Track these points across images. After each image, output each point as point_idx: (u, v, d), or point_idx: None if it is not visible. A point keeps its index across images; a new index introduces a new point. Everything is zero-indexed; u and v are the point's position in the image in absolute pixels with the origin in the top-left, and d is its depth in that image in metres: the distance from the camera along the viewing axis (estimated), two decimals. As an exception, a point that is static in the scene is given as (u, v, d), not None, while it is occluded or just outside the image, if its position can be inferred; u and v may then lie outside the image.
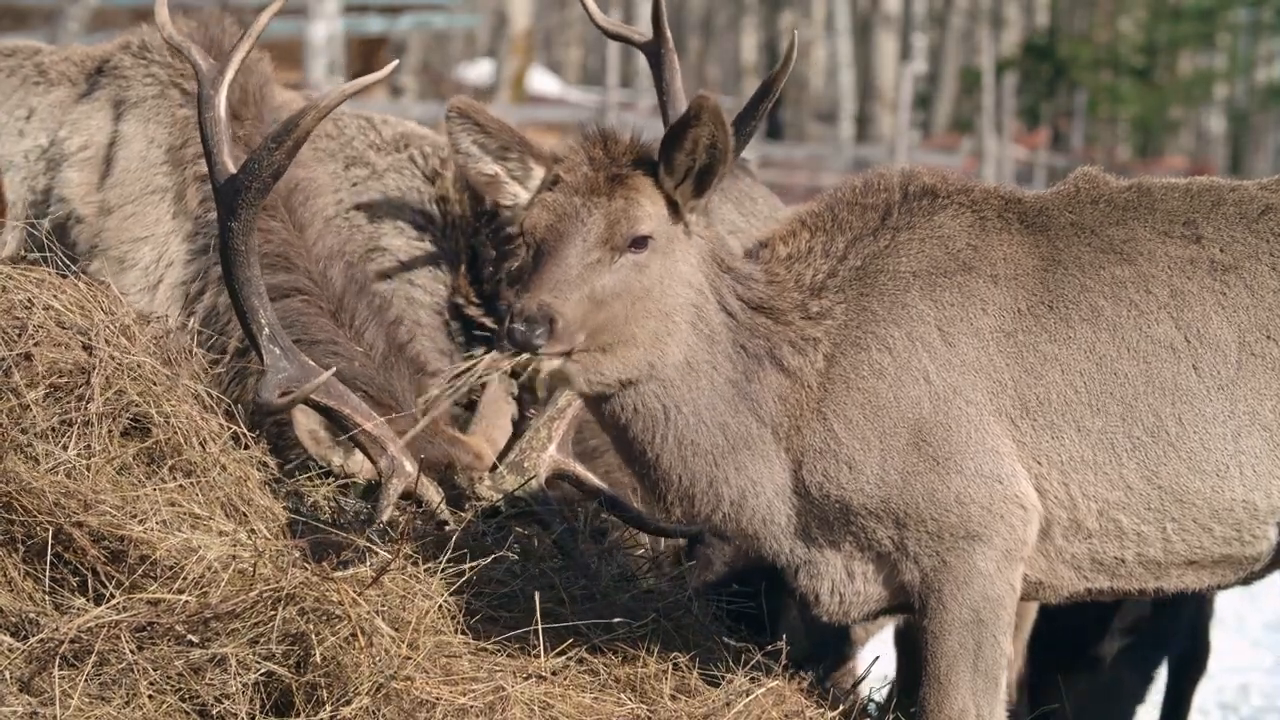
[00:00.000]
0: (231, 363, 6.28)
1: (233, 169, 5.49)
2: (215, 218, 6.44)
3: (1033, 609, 6.64)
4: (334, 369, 5.60)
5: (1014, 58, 46.70)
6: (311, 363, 5.59)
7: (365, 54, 29.07)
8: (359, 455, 5.88)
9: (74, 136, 6.79)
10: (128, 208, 6.62)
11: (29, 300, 5.42)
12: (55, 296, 5.45)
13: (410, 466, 5.69)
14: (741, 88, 45.87)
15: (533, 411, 6.01)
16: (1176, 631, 7.50)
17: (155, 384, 5.41)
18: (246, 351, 6.21)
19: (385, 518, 5.63)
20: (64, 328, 5.39)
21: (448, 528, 5.68)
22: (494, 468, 5.94)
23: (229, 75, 5.59)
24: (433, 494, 5.76)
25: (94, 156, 6.75)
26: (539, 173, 6.43)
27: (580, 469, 5.95)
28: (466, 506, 5.81)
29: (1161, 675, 7.61)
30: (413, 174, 6.90)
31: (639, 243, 4.94)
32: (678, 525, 5.72)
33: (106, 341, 5.38)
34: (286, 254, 6.30)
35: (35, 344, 5.33)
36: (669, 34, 5.59)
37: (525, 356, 4.80)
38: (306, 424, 5.95)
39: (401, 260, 6.77)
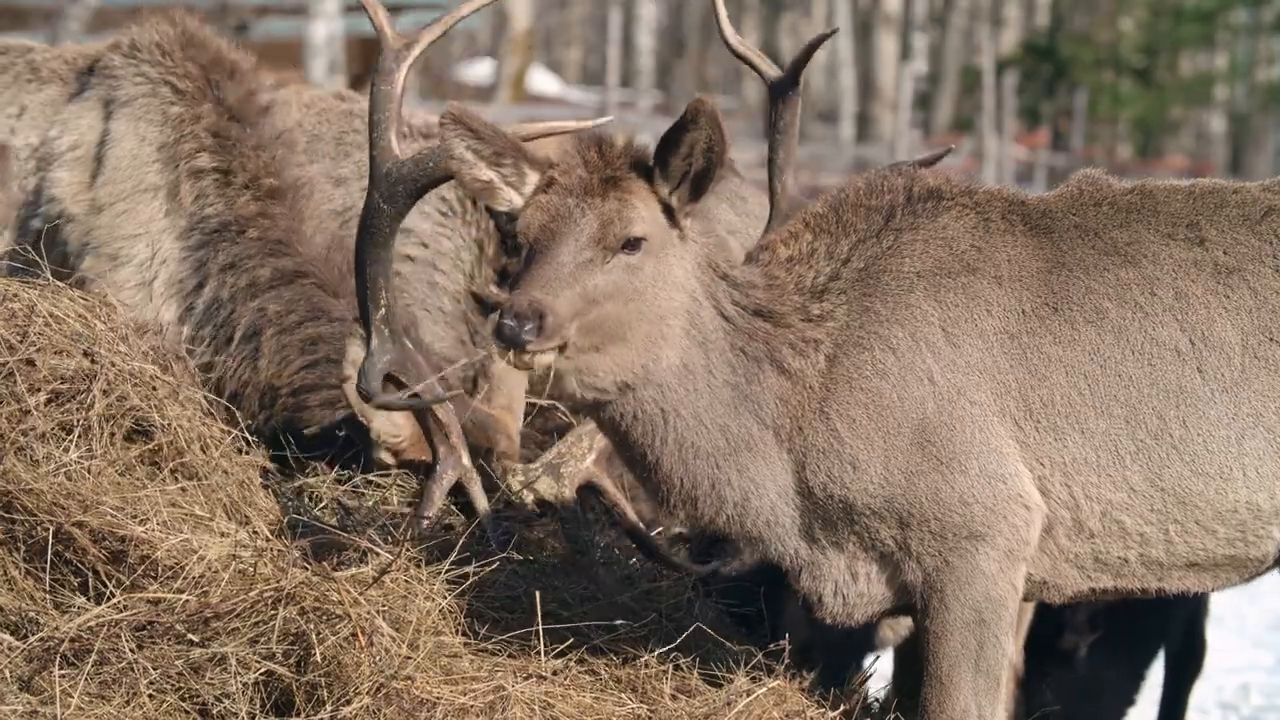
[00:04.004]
0: (239, 348, 6.30)
1: (398, 151, 5.52)
2: (211, 213, 6.48)
3: (1029, 609, 6.64)
4: (451, 395, 5.68)
5: (1014, 57, 46.61)
6: (412, 349, 5.67)
7: (365, 54, 29.04)
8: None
9: (64, 136, 6.82)
10: (119, 205, 6.65)
11: (30, 307, 5.42)
12: (56, 304, 5.45)
13: (466, 460, 5.73)
14: (741, 88, 45.85)
15: (576, 419, 6.03)
16: (1168, 631, 7.49)
17: (157, 389, 5.41)
18: (253, 336, 6.26)
19: (435, 509, 5.72)
20: (65, 334, 5.39)
21: (453, 531, 5.69)
22: (524, 456, 5.98)
23: (415, 52, 5.58)
24: (477, 491, 5.79)
25: (84, 155, 6.77)
26: (534, 178, 6.48)
27: (609, 485, 5.95)
28: (496, 497, 5.86)
29: (1156, 676, 7.61)
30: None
31: (632, 244, 4.93)
32: (690, 563, 5.82)
33: (108, 348, 5.38)
34: (290, 240, 6.39)
35: (37, 350, 5.34)
36: (803, 79, 5.62)
37: (514, 353, 4.79)
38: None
39: (425, 244, 6.82)
